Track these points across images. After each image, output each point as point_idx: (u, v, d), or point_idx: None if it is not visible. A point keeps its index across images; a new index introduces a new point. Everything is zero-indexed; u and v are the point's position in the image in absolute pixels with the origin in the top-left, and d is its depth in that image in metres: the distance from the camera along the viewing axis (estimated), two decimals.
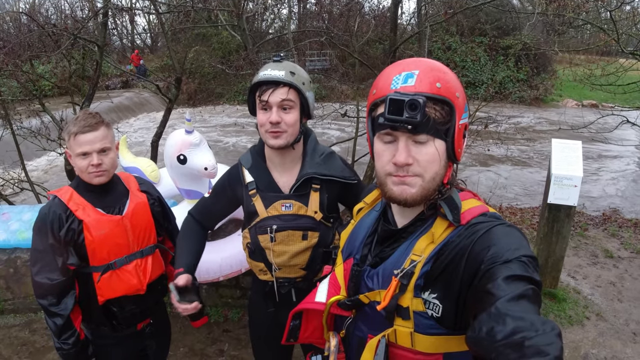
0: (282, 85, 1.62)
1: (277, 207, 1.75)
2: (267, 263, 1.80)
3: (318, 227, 1.76)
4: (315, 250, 1.78)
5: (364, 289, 1.16)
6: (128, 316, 1.98)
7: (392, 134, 1.03)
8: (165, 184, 3.13)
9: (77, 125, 1.75)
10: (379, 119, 1.04)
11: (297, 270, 1.81)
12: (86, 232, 1.80)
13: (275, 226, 1.74)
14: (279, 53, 1.75)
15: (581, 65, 11.02)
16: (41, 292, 1.82)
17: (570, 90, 20.61)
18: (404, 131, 1.00)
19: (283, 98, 1.61)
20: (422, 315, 1.03)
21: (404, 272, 1.04)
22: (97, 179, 1.83)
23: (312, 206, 1.75)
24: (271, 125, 1.63)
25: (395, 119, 0.98)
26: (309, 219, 1.75)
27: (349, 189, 1.81)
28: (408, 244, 1.10)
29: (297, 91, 1.64)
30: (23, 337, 3.58)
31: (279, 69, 1.63)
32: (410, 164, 1.02)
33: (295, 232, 1.75)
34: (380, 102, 1.05)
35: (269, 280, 1.84)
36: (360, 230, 1.27)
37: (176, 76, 5.72)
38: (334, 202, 1.82)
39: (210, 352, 3.31)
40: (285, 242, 1.76)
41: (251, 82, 1.71)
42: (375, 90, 1.08)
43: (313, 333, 1.35)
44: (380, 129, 1.05)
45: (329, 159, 1.81)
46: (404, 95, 0.97)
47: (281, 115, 1.63)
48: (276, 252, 1.76)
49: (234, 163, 1.92)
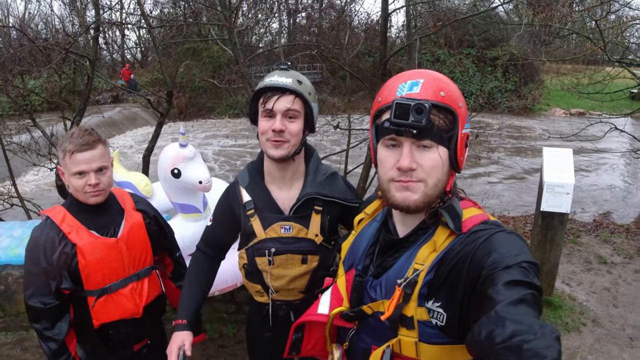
0: (289, 93, 1.56)
1: (276, 229, 1.67)
2: (264, 285, 1.73)
3: (318, 251, 1.69)
4: (315, 274, 1.70)
5: (367, 299, 1.15)
6: (124, 338, 1.93)
7: (397, 139, 1.05)
8: (159, 198, 3.08)
9: (73, 143, 1.67)
10: (384, 124, 1.06)
11: (295, 293, 1.74)
12: (80, 256, 1.73)
13: (274, 249, 1.66)
14: (286, 61, 1.68)
15: (568, 74, 11.16)
16: (34, 316, 1.76)
17: (558, 99, 20.86)
18: (408, 136, 1.02)
19: (288, 107, 1.55)
20: (427, 325, 1.03)
21: (407, 281, 1.04)
22: (94, 198, 1.76)
23: (312, 229, 1.68)
24: (274, 133, 1.56)
25: (401, 122, 0.99)
26: (309, 242, 1.67)
27: (350, 212, 1.68)
28: (410, 253, 1.10)
29: (302, 101, 1.59)
30: (15, 355, 3.50)
31: (286, 77, 1.57)
32: (414, 168, 1.03)
33: (295, 256, 1.68)
34: (385, 109, 1.07)
35: (265, 302, 1.77)
36: (361, 240, 1.26)
37: (167, 90, 5.72)
38: (335, 224, 1.75)
39: None
40: (284, 265, 1.68)
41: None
42: (381, 98, 1.10)
43: (316, 345, 1.34)
44: (385, 134, 1.06)
45: (331, 180, 1.74)
46: (410, 100, 1.00)
47: (285, 124, 1.56)
48: (274, 275, 1.70)
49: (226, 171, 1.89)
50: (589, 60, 18.11)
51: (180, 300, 1.84)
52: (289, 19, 17.04)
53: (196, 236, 2.80)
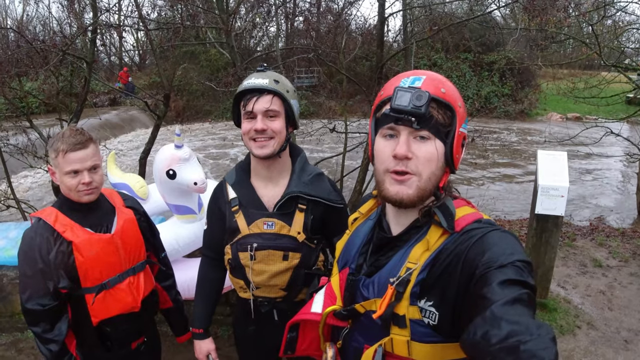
0: (267, 93, 1.61)
1: (259, 225, 1.71)
2: (246, 281, 1.77)
3: (300, 248, 1.71)
4: (297, 272, 1.73)
5: (359, 298, 1.15)
6: (122, 336, 1.93)
7: (395, 129, 1.06)
8: (154, 200, 3.09)
9: (65, 143, 1.69)
10: (384, 113, 1.08)
11: (277, 290, 1.76)
12: (76, 253, 1.73)
13: (256, 244, 1.70)
14: (263, 64, 1.76)
15: (564, 79, 11.21)
16: (33, 319, 1.75)
17: (554, 103, 20.97)
18: (406, 125, 1.03)
19: (267, 107, 1.61)
20: (419, 323, 1.03)
21: (400, 280, 1.04)
22: (87, 197, 1.77)
23: (295, 226, 1.71)
24: (256, 133, 1.62)
25: (401, 108, 1.01)
26: (290, 239, 1.70)
27: (333, 213, 1.77)
28: (403, 252, 1.10)
29: (281, 99, 1.64)
30: (9, 356, 3.49)
31: (263, 78, 1.63)
32: (410, 157, 1.04)
33: (276, 252, 1.71)
34: (387, 101, 1.09)
35: (248, 298, 1.80)
36: (355, 239, 1.27)
37: (165, 93, 5.72)
38: (318, 223, 1.76)
39: None
40: (265, 261, 1.71)
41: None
42: (383, 92, 1.12)
43: (310, 345, 1.34)
44: (384, 123, 1.08)
45: (317, 180, 1.78)
46: (410, 89, 1.03)
47: (267, 123, 1.62)
48: (255, 270, 1.72)
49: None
50: (585, 65, 18.24)
51: (194, 308, 1.93)
52: (286, 23, 17.07)
53: (191, 237, 2.85)
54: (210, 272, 1.96)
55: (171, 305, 2.17)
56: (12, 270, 3.52)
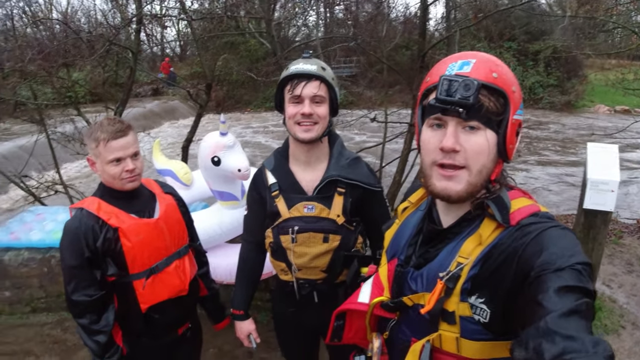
0: (314, 79, 1.65)
1: (300, 209, 1.75)
2: (288, 263, 1.80)
3: (340, 231, 1.75)
4: (336, 254, 1.76)
5: (407, 290, 1.12)
6: (169, 322, 1.96)
7: (442, 119, 1.00)
8: (198, 186, 3.15)
9: (106, 132, 1.70)
10: (430, 103, 1.01)
11: (317, 272, 1.80)
12: (123, 239, 1.75)
13: (297, 227, 1.73)
14: (308, 51, 1.80)
15: (613, 69, 10.74)
16: (79, 310, 1.75)
17: (602, 95, 20.13)
18: (454, 116, 0.97)
19: (315, 92, 1.65)
20: (469, 320, 0.99)
21: (450, 275, 1.00)
22: (131, 184, 1.78)
23: (335, 209, 1.74)
24: (302, 117, 1.65)
25: (447, 99, 0.95)
26: (330, 222, 1.74)
27: (370, 196, 1.81)
28: (454, 245, 1.05)
29: (327, 86, 1.68)
30: (55, 335, 3.64)
31: (311, 64, 1.66)
32: (458, 150, 0.97)
33: (317, 235, 1.74)
34: (433, 88, 1.02)
35: (289, 280, 1.84)
36: (405, 229, 1.23)
37: (207, 82, 5.80)
38: (356, 206, 1.80)
39: (239, 354, 3.31)
40: (306, 243, 1.75)
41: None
42: (429, 78, 1.05)
43: (357, 333, 1.32)
44: (430, 113, 1.02)
45: (354, 164, 1.81)
46: (458, 77, 0.95)
47: (313, 108, 1.65)
48: (297, 253, 1.76)
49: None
50: (634, 56, 17.37)
51: (234, 291, 2.02)
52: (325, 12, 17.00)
53: (233, 224, 2.90)
54: (251, 256, 2.01)
55: (206, 293, 2.20)
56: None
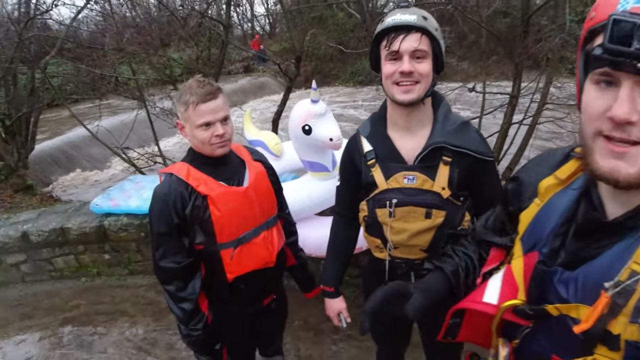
0: (415, 31, 1.40)
1: (399, 179, 1.54)
2: (383, 240, 1.63)
3: (444, 206, 1.52)
4: (440, 231, 1.55)
5: (552, 297, 0.85)
6: (255, 292, 1.90)
7: (612, 75, 0.71)
8: (288, 157, 3.11)
9: (195, 94, 1.61)
10: (594, 51, 0.72)
11: (417, 251, 1.60)
12: (212, 207, 1.67)
13: (396, 200, 1.53)
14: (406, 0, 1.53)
15: None
16: (167, 277, 1.73)
17: None
18: (630, 71, 0.68)
19: (416, 47, 1.40)
20: (638, 347, 0.73)
21: (621, 288, 0.73)
22: (221, 149, 1.70)
23: (439, 181, 1.51)
24: (401, 75, 1.43)
25: (619, 50, 0.67)
26: (434, 195, 1.51)
27: (482, 167, 1.53)
28: (626, 245, 0.77)
29: (430, 38, 1.43)
30: (149, 297, 3.80)
31: (410, 14, 1.41)
32: (634, 122, 0.69)
33: (418, 209, 1.53)
34: (599, 29, 0.73)
35: (384, 258, 1.67)
36: (550, 214, 0.93)
37: (296, 55, 5.83)
38: (465, 178, 1.54)
39: (325, 328, 3.21)
40: (406, 218, 1.55)
41: (373, 36, 1.50)
42: (594, 13, 0.76)
43: (476, 334, 1.09)
44: (596, 66, 0.73)
45: (463, 129, 1.54)
46: (636, 16, 0.66)
47: (414, 65, 1.42)
48: (394, 229, 1.57)
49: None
50: None
51: (325, 266, 1.90)
52: None
53: (324, 195, 2.81)
54: (343, 230, 1.87)
55: (295, 262, 2.13)
56: None
